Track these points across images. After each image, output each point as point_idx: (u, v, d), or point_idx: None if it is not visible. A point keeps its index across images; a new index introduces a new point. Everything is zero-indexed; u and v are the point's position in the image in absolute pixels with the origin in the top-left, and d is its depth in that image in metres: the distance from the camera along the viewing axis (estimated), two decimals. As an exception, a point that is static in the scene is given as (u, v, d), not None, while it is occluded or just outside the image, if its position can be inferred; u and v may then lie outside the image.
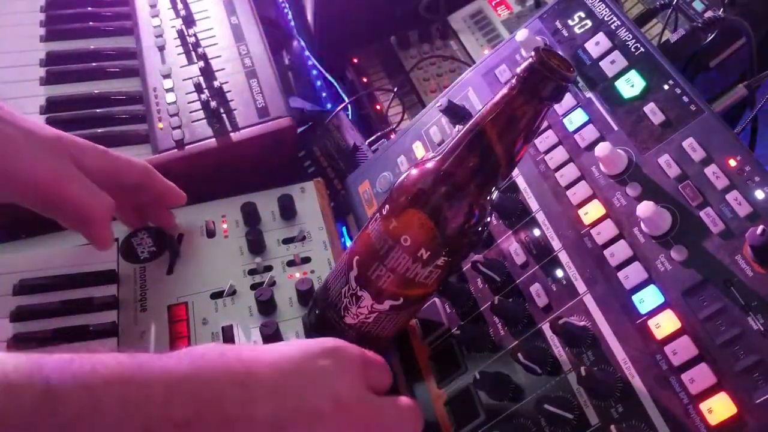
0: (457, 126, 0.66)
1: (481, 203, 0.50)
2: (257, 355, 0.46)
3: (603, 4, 0.62)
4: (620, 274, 0.51)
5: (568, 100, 0.60)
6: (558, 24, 0.64)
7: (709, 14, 0.74)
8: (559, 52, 0.50)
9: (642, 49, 0.58)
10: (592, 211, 0.55)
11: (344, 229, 0.80)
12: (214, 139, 0.74)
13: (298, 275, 0.67)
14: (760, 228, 0.45)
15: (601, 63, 0.60)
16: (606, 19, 0.61)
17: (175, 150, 0.74)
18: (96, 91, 0.82)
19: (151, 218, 0.70)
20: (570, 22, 0.63)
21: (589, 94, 0.59)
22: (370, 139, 0.84)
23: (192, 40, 0.83)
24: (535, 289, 0.55)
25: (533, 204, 0.59)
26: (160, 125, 0.76)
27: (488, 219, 0.52)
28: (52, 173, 0.58)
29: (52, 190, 0.58)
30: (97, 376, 0.39)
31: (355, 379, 0.47)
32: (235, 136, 0.74)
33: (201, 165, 0.74)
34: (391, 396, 0.49)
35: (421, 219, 0.49)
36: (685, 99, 0.54)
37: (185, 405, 0.40)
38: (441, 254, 0.50)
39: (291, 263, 0.68)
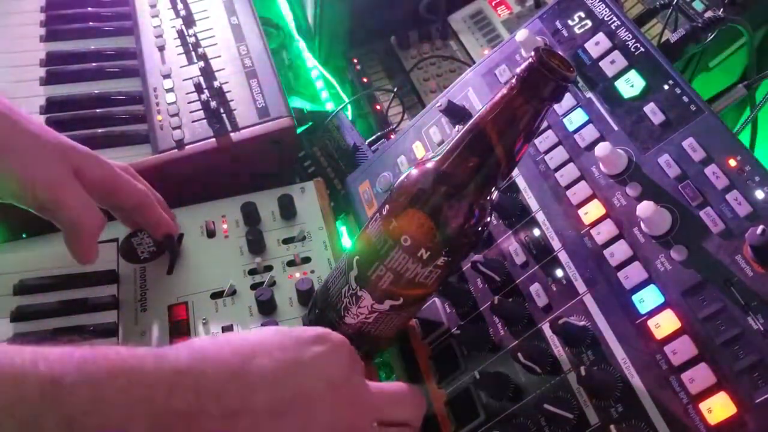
0: (457, 126, 0.66)
1: (481, 203, 0.50)
2: (253, 346, 0.46)
3: (603, 4, 0.62)
4: (620, 274, 0.51)
5: (568, 100, 0.60)
6: (558, 24, 0.64)
7: (709, 14, 0.74)
8: (559, 52, 0.50)
9: (642, 49, 0.58)
10: (592, 211, 0.55)
11: (344, 229, 0.80)
12: (214, 139, 0.74)
13: (298, 275, 0.67)
14: (760, 228, 0.45)
15: (601, 63, 0.60)
16: (606, 19, 0.61)
17: (175, 150, 0.74)
18: (96, 91, 0.82)
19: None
20: (570, 22, 0.63)
21: (589, 94, 0.59)
22: (370, 139, 0.84)
23: (192, 40, 0.83)
24: (535, 289, 0.55)
25: (533, 204, 0.59)
26: (161, 125, 0.76)
27: (488, 219, 0.52)
28: (50, 179, 0.58)
29: (48, 195, 0.57)
30: (101, 369, 0.39)
31: (345, 362, 0.48)
32: (235, 136, 0.74)
33: (201, 165, 0.74)
34: (387, 382, 0.50)
35: (421, 219, 0.49)
36: (685, 99, 0.54)
37: (187, 398, 0.41)
38: (441, 254, 0.50)
39: (291, 263, 0.68)
